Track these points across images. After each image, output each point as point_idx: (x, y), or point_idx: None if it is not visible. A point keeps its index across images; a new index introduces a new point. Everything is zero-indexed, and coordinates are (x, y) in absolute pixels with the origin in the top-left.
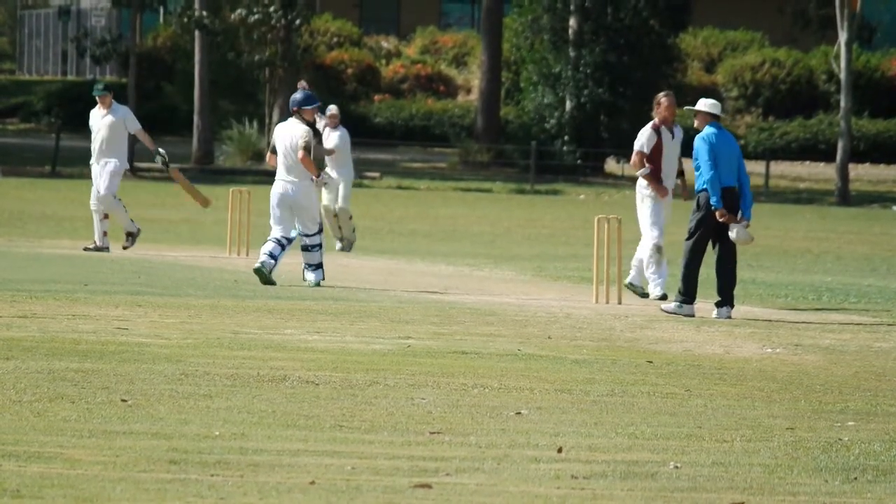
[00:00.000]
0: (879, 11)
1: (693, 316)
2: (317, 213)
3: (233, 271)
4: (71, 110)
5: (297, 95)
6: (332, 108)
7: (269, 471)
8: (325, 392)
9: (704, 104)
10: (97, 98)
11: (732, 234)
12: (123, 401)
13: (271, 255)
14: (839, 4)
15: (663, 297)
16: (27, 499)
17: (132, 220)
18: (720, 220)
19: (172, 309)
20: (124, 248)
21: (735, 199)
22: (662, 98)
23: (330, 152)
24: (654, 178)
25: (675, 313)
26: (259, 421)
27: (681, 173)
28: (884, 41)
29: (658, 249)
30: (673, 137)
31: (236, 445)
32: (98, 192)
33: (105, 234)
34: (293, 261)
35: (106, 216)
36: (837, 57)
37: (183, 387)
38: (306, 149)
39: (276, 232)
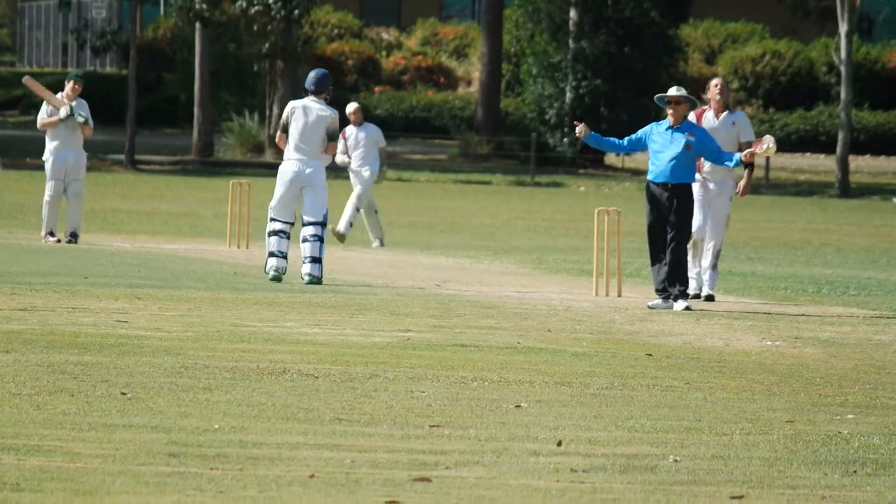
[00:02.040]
0: (879, 3)
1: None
2: (326, 197)
3: (233, 264)
4: None
5: (319, 73)
6: (353, 105)
7: (269, 464)
8: (325, 385)
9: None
10: (72, 83)
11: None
12: (123, 394)
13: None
14: None
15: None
16: (27, 492)
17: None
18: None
19: (172, 302)
20: (46, 234)
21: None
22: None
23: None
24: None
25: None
26: (258, 414)
27: (749, 166)
28: (884, 33)
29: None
30: (718, 123)
31: (236, 438)
32: (73, 188)
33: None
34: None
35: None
36: (838, 49)
37: (182, 380)
38: (335, 136)
39: (278, 224)
